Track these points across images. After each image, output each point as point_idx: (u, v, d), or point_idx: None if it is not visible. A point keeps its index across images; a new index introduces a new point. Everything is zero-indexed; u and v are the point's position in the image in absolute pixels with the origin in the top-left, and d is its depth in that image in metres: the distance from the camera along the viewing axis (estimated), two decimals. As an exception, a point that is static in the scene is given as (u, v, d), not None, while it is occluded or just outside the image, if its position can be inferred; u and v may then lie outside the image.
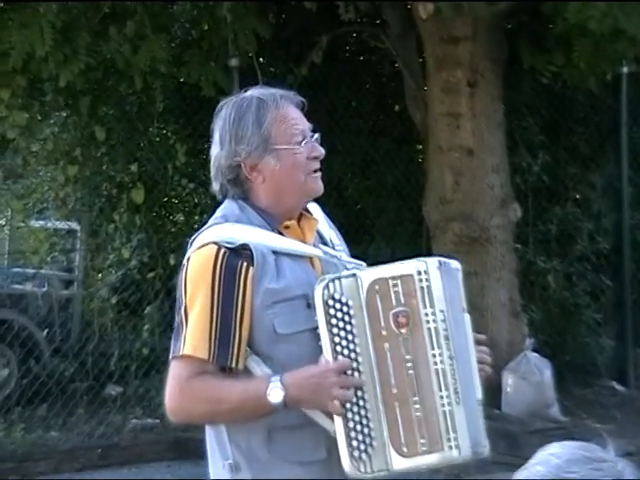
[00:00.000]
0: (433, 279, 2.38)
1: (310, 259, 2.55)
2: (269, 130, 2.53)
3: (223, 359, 2.42)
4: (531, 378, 8.01)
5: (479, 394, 2.48)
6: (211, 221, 2.57)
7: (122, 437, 7.86)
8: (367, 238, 9.41)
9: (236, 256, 2.44)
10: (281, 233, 2.55)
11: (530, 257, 9.82)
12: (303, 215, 2.63)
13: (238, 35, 8.12)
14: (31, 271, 9.73)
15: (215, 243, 2.46)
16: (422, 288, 2.37)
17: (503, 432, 7.38)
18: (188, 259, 2.51)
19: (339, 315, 2.35)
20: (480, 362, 2.53)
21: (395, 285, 2.37)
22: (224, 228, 2.51)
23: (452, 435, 2.33)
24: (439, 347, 2.36)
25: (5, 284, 9.64)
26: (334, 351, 2.35)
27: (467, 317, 2.50)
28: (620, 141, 9.90)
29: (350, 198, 9.61)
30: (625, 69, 9.52)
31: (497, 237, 8.38)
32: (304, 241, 2.56)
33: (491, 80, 8.41)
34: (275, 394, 2.35)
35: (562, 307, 10.05)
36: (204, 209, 9.52)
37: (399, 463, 2.33)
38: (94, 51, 8.09)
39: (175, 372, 2.46)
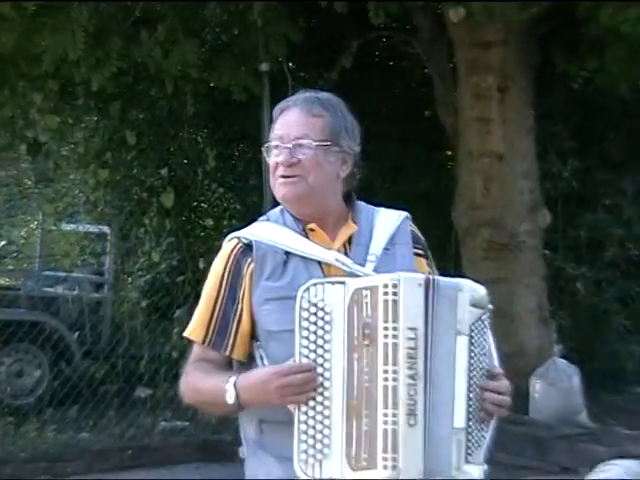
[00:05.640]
0: (405, 294, 2.34)
1: (328, 265, 2.55)
2: (271, 130, 2.63)
3: (218, 346, 2.54)
4: (559, 384, 7.98)
5: (458, 423, 2.38)
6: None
7: (152, 439, 7.91)
8: (396, 243, 9.39)
9: (247, 252, 2.55)
10: (307, 235, 2.58)
11: (559, 263, 9.78)
12: (346, 222, 2.63)
13: (269, 40, 8.15)
14: (62, 274, 9.80)
15: (237, 238, 2.58)
16: (386, 302, 2.33)
17: (531, 437, 7.37)
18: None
19: (312, 319, 2.35)
20: (485, 399, 2.44)
21: (366, 296, 2.35)
22: (254, 226, 2.62)
23: (390, 455, 2.29)
24: (394, 364, 2.31)
25: (37, 287, 9.70)
26: (299, 354, 2.36)
27: (461, 340, 2.41)
28: (652, 147, 9.87)
29: (380, 204, 9.57)
30: (658, 74, 9.46)
31: (526, 243, 8.36)
32: (330, 246, 2.57)
33: (522, 85, 8.40)
34: (230, 396, 2.42)
35: (591, 313, 10.01)
36: (233, 214, 9.57)
37: (348, 474, 2.31)
38: (125, 55, 8.15)
39: (189, 356, 2.63)
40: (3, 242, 12.95)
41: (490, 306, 2.49)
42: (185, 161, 9.59)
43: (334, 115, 2.59)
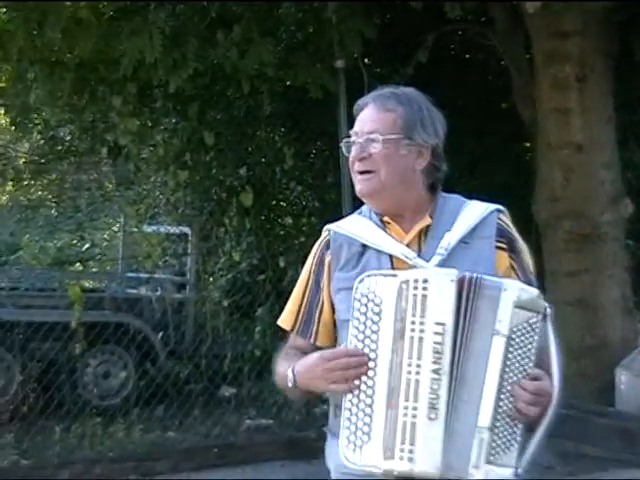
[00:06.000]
0: (434, 289, 2.37)
1: (398, 257, 2.58)
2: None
3: (304, 334, 2.67)
4: (646, 375, 7.87)
5: (483, 421, 2.37)
6: None
7: (237, 437, 7.96)
8: (476, 237, 9.32)
9: (330, 243, 2.67)
10: (385, 228, 2.63)
11: (642, 253, 9.65)
12: (424, 215, 2.65)
13: (344, 36, 8.16)
14: (145, 275, 9.90)
15: (328, 230, 2.69)
16: (415, 296, 2.37)
17: (618, 429, 7.27)
18: None
19: (362, 309, 2.40)
20: (516, 397, 2.41)
21: (404, 289, 2.39)
22: (346, 219, 2.71)
23: (407, 447, 2.33)
24: (419, 358, 2.34)
25: (120, 288, 9.83)
26: (350, 343, 2.43)
27: (498, 341, 2.39)
28: None
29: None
30: None
31: (608, 234, 8.25)
32: (403, 239, 2.60)
33: (601, 74, 8.28)
34: (290, 379, 2.52)
35: (676, 304, 9.84)
36: (312, 212, 9.57)
37: (381, 463, 2.36)
38: (202, 56, 8.22)
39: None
40: (87, 245, 13.17)
41: (549, 310, 2.45)
42: (263, 160, 9.64)
43: (409, 109, 2.61)
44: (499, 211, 2.66)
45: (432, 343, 2.35)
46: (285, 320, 2.72)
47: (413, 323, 2.36)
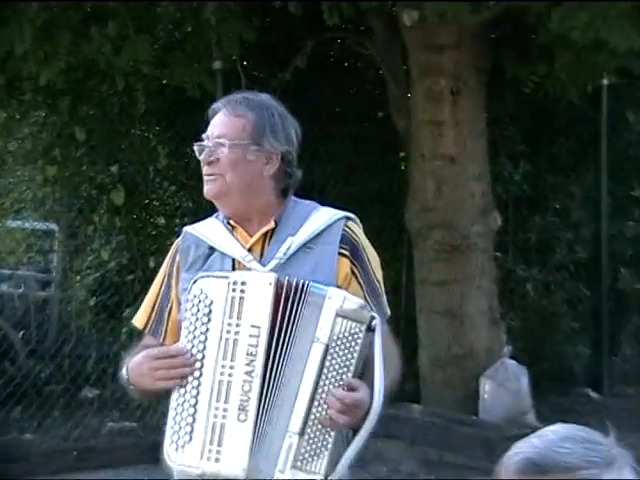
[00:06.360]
0: (251, 292, 2.43)
1: (239, 260, 2.64)
2: None
3: (155, 333, 2.74)
4: (508, 385, 8.03)
5: (294, 426, 2.39)
6: None
7: (98, 440, 7.81)
8: (349, 244, 9.35)
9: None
10: (232, 231, 2.69)
11: (510, 265, 9.83)
12: (270, 221, 2.68)
13: (222, 38, 8.08)
14: (7, 272, 9.64)
15: (184, 231, 2.77)
16: (234, 298, 2.43)
17: (480, 438, 7.39)
18: None
19: (194, 310, 2.46)
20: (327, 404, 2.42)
21: (228, 291, 2.45)
22: (204, 220, 2.76)
23: (215, 448, 2.38)
24: (232, 359, 2.40)
25: (-20, 285, 9.57)
26: (181, 344, 2.49)
27: (317, 348, 2.41)
28: (600, 152, 9.96)
29: (332, 205, 9.51)
30: (605, 81, 9.56)
31: (477, 245, 8.38)
32: (247, 242, 2.65)
33: (474, 89, 8.41)
34: (124, 376, 2.59)
35: (540, 315, 10.08)
36: (185, 212, 9.47)
37: (198, 463, 2.39)
38: (75, 51, 8.02)
39: None
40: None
41: (375, 322, 2.46)
42: (136, 159, 9.48)
43: (259, 115, 2.66)
44: (348, 218, 2.73)
45: (246, 345, 2.39)
46: (138, 319, 2.79)
47: (230, 325, 2.41)
